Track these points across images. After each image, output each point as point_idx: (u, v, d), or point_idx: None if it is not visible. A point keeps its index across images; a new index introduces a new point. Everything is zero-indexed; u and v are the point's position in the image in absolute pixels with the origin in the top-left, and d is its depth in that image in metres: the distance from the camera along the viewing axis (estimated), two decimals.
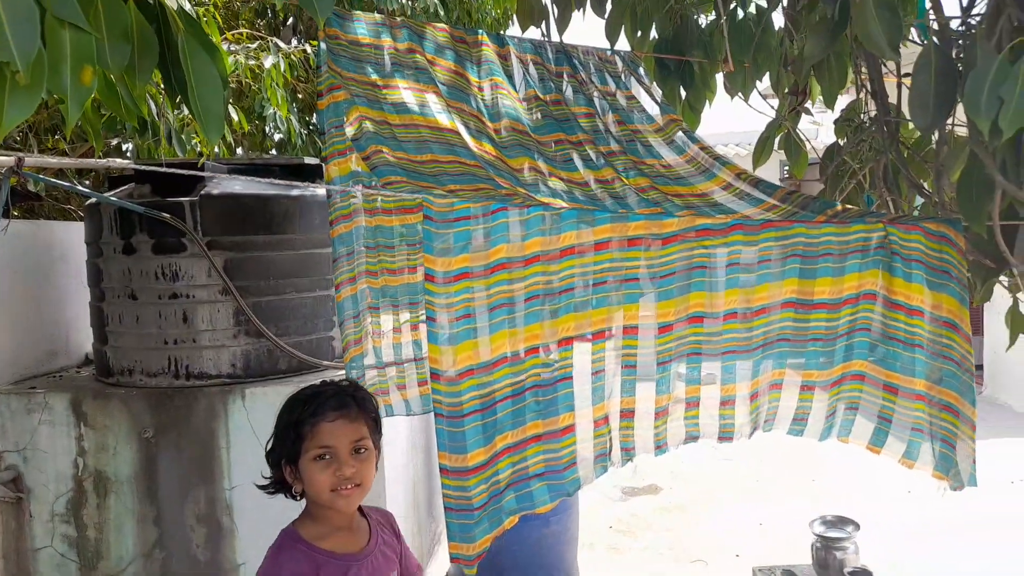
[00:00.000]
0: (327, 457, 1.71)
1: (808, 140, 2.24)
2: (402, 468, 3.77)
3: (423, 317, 2.07)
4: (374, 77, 1.87)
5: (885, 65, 2.18)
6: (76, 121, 1.40)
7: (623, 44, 2.81)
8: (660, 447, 1.69)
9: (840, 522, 2.34)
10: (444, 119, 1.80)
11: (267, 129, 5.89)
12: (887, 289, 1.78)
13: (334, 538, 1.78)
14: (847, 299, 1.77)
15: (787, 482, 5.51)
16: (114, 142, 5.41)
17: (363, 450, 1.76)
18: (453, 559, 1.47)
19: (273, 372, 3.63)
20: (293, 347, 3.58)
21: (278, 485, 1.84)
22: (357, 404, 1.77)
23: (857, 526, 2.31)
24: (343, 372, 3.67)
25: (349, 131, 1.93)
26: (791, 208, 1.79)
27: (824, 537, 2.30)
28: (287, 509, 3.37)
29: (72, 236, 4.20)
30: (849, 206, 2.03)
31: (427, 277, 1.37)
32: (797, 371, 1.65)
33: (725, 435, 1.70)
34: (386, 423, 3.41)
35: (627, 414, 1.64)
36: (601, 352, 1.59)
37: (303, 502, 1.83)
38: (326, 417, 1.70)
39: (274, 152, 6.38)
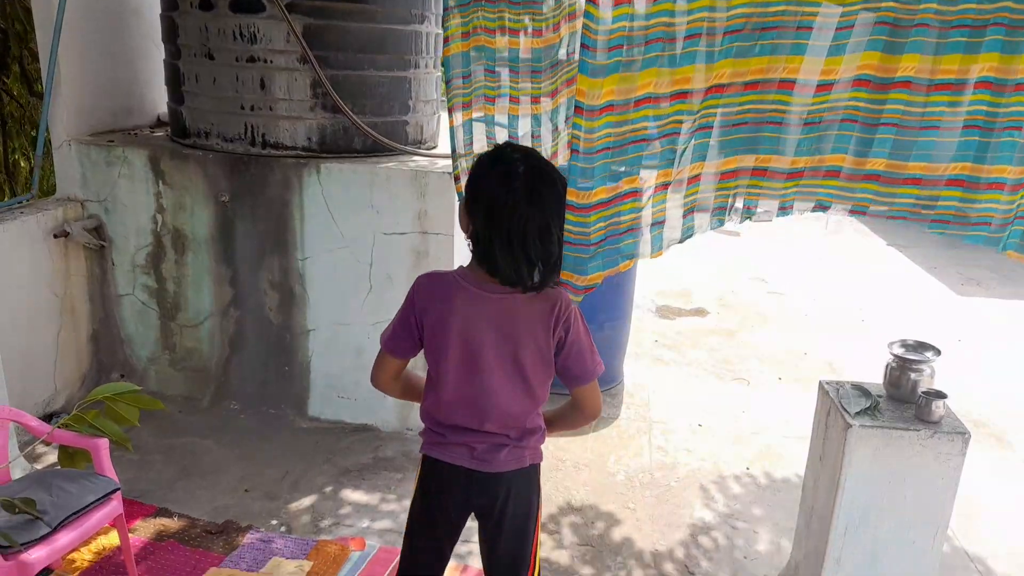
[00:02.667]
0: None
1: None
2: None
3: (545, 91, 1.94)
4: None
5: None
6: None
7: None
8: (785, 209, 1.58)
9: (920, 346, 2.33)
10: None
11: None
12: None
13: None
14: None
15: (835, 319, 5.55)
16: None
17: None
18: (561, 283, 1.47)
19: (348, 150, 3.59)
20: (368, 127, 3.51)
21: None
22: None
23: (938, 352, 2.30)
24: (418, 158, 3.63)
25: None
26: None
27: (901, 358, 2.30)
28: (359, 281, 3.48)
29: None
30: None
31: None
32: (995, 165, 1.45)
33: (858, 209, 1.55)
34: None
35: (759, 172, 1.53)
36: (750, 104, 1.47)
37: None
38: None
39: None
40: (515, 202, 1.49)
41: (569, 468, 3.46)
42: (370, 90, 3.56)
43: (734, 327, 5.38)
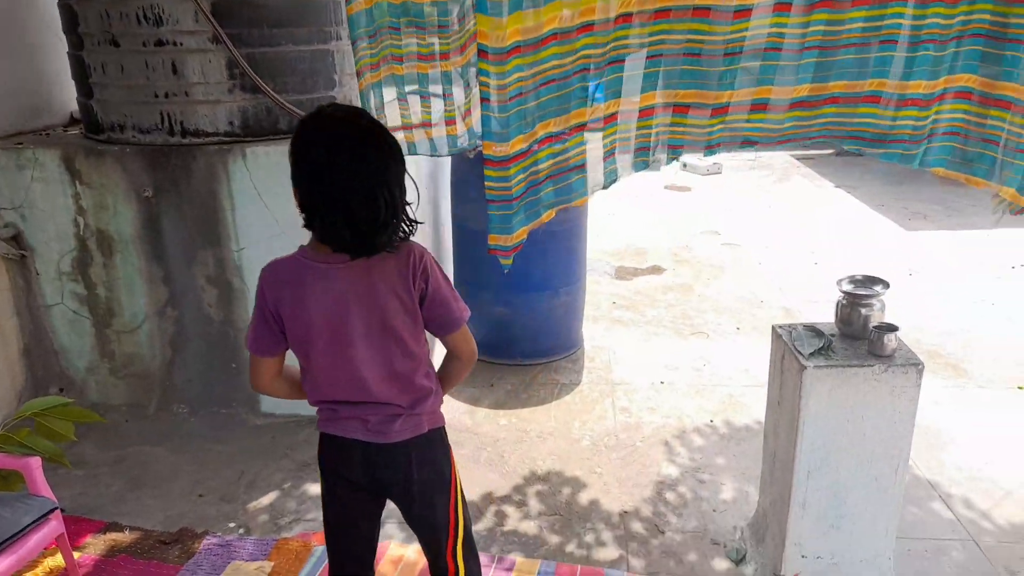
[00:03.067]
0: None
1: None
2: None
3: (454, 47, 1.82)
4: None
5: None
6: None
7: None
8: (712, 148, 1.51)
9: (869, 281, 2.29)
10: None
11: None
12: None
13: None
14: None
15: (789, 265, 5.56)
16: None
17: None
18: (491, 250, 1.39)
19: (274, 131, 3.43)
20: (293, 105, 3.35)
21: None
22: None
23: (886, 285, 2.27)
24: None
25: None
26: None
27: (851, 294, 2.26)
28: None
29: None
30: None
31: None
32: (911, 80, 1.39)
33: (783, 139, 1.47)
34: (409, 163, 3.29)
35: (680, 108, 1.45)
36: (662, 34, 1.37)
37: None
38: None
39: None
40: (338, 165, 1.41)
41: (533, 439, 3.40)
42: (291, 66, 3.39)
43: (690, 281, 5.36)
